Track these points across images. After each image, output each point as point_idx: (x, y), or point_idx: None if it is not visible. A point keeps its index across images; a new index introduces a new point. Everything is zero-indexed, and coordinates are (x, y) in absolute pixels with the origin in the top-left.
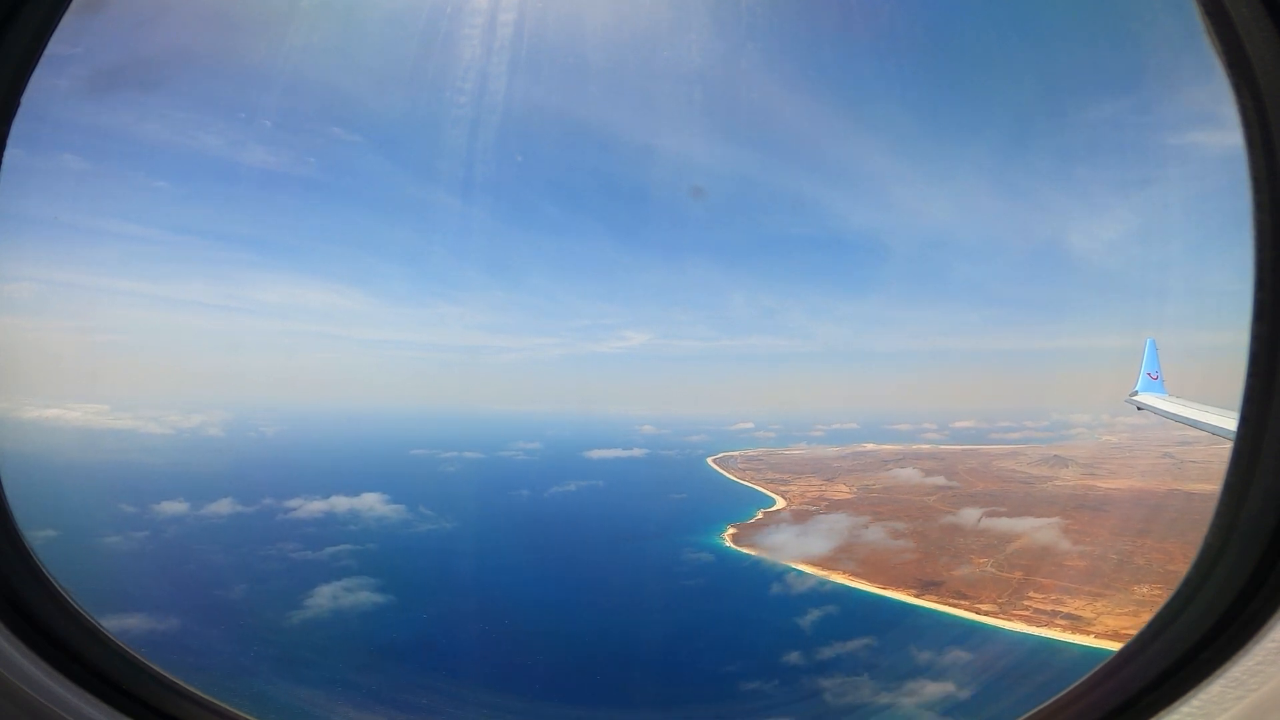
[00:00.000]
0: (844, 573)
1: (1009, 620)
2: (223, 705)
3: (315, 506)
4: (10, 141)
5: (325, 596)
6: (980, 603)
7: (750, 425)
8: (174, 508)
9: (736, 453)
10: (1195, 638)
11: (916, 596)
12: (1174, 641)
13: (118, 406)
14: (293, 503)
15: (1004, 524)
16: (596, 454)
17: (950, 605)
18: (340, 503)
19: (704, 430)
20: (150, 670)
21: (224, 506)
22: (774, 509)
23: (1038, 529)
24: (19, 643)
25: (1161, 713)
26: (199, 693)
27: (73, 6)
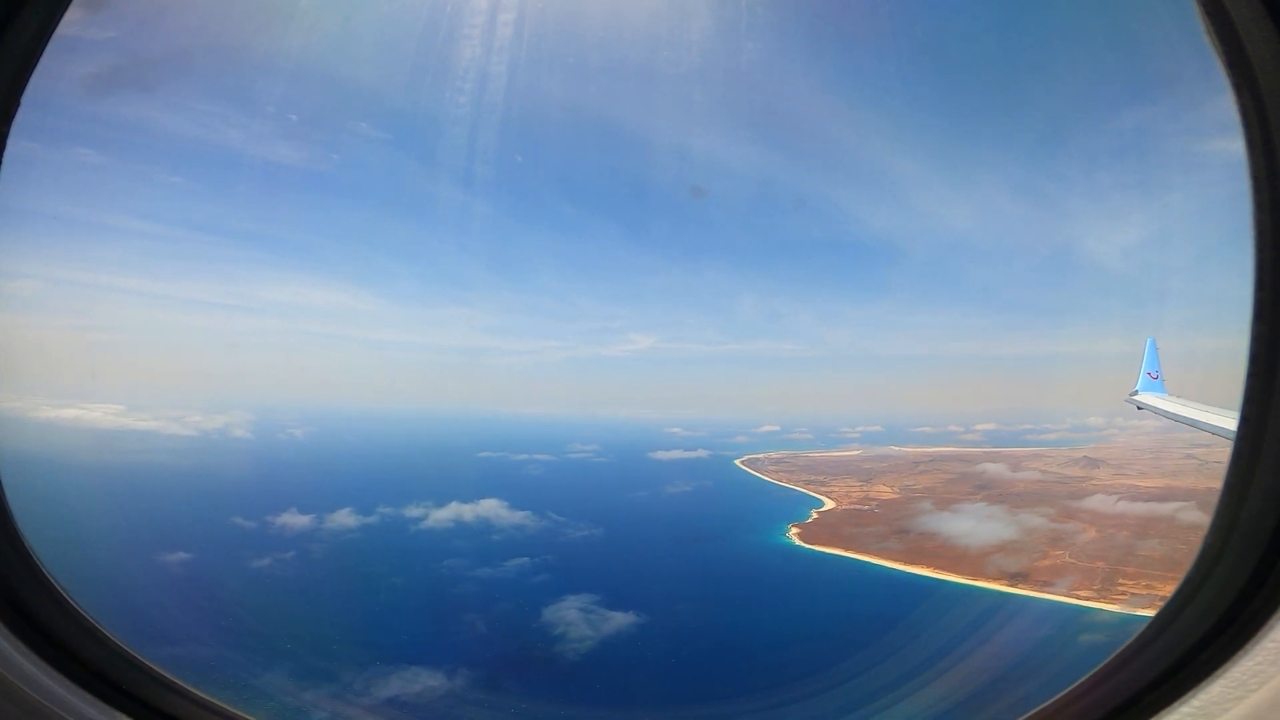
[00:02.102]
0: (926, 565)
1: (1112, 604)
2: (223, 705)
3: (441, 516)
4: (22, 138)
5: (574, 624)
6: (1077, 589)
7: (777, 428)
8: (296, 521)
9: (761, 455)
10: (1195, 638)
11: (1010, 585)
12: (1174, 641)
13: (132, 406)
14: (412, 512)
15: (1069, 518)
16: (662, 455)
17: (1047, 593)
18: (463, 511)
19: (733, 433)
20: (150, 670)
21: (346, 518)
22: (825, 509)
23: (1100, 522)
24: (19, 643)
25: (1161, 713)
26: (199, 693)
27: (76, 4)
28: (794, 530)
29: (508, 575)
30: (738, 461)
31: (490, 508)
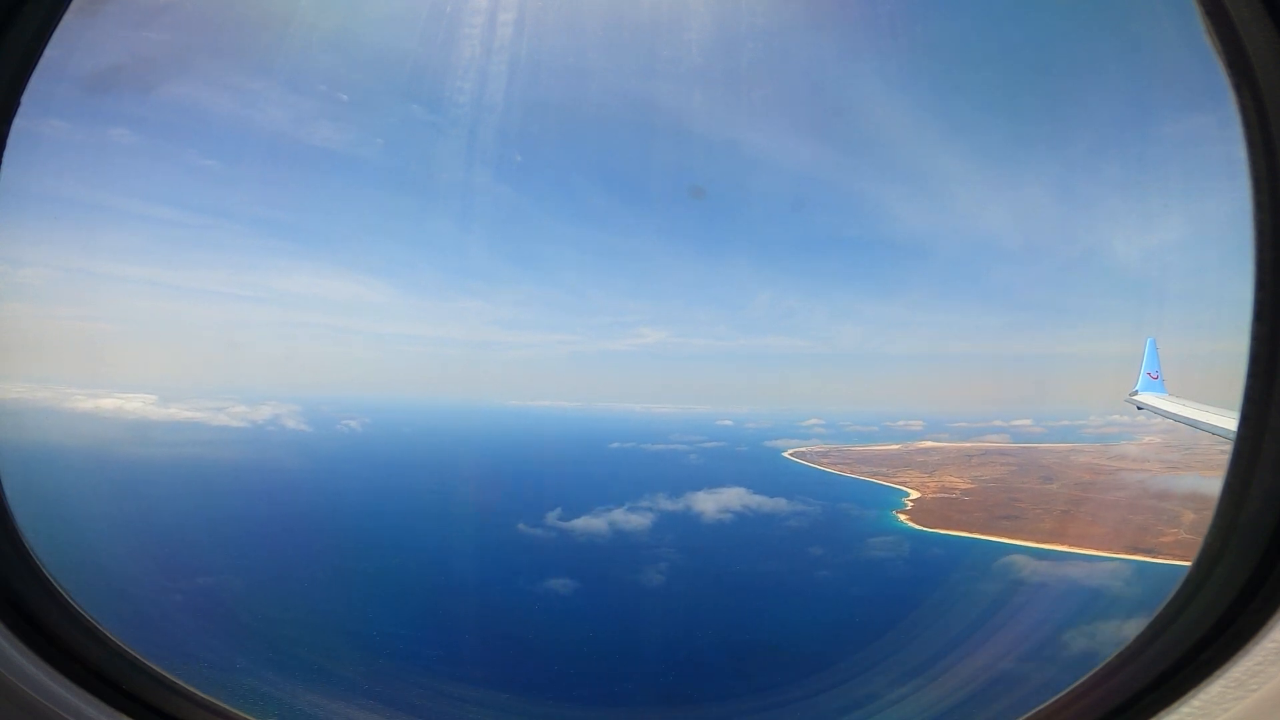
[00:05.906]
0: (1065, 543)
1: None
2: (223, 705)
3: (705, 506)
4: (51, 117)
5: (1079, 578)
6: None
7: (820, 421)
8: (591, 524)
9: (805, 448)
10: (1195, 638)
11: (1150, 557)
12: (1174, 641)
13: (163, 397)
14: (667, 505)
15: (1160, 500)
16: (778, 443)
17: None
18: (720, 500)
19: (776, 426)
20: (150, 670)
21: (630, 517)
22: (913, 497)
23: (1195, 504)
24: (19, 643)
25: (1161, 713)
26: (199, 693)
27: (78, 2)
28: (902, 516)
29: (892, 556)
30: (786, 454)
31: (740, 496)
